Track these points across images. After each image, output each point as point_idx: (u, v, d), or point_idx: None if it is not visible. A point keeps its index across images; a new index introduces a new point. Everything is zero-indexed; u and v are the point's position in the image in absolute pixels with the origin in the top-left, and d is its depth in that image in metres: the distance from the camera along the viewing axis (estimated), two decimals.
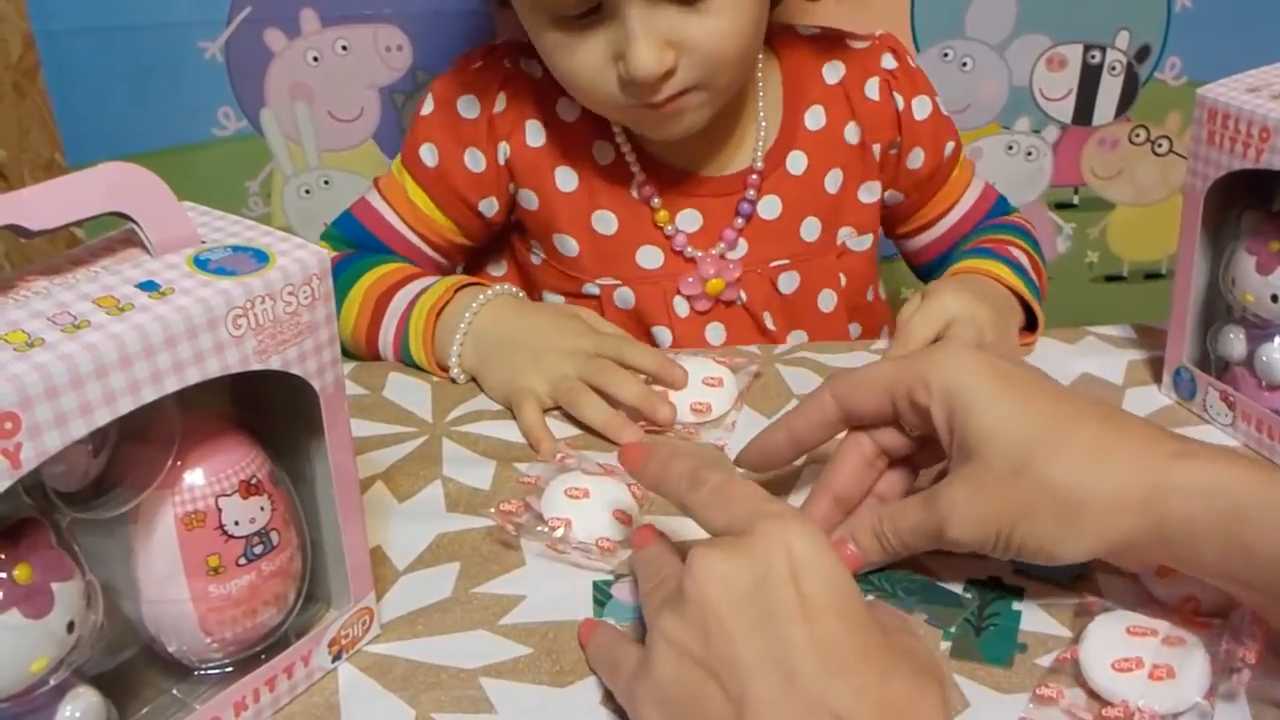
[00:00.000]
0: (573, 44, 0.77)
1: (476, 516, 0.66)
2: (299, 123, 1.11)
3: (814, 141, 0.90)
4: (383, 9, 1.07)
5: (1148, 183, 1.22)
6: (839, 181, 0.90)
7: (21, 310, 0.43)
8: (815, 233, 0.91)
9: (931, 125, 0.92)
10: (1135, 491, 0.51)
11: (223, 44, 1.07)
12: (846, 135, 0.90)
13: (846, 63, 0.90)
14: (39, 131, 1.17)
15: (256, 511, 0.50)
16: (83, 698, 0.47)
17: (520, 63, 0.88)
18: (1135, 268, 1.27)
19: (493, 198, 0.89)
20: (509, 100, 0.87)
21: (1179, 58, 1.15)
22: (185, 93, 1.08)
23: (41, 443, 0.41)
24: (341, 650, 0.56)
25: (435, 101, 0.88)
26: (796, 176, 0.89)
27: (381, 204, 0.90)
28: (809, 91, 0.90)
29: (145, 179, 0.48)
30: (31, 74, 1.14)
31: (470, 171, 0.87)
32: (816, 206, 0.90)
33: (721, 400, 0.74)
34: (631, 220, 0.88)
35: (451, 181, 0.88)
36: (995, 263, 0.85)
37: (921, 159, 0.92)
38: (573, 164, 0.87)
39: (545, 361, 0.76)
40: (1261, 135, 0.65)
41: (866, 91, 0.90)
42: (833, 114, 0.90)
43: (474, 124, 0.87)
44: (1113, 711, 0.51)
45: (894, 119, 0.91)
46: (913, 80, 0.92)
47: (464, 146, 0.87)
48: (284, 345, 0.48)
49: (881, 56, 0.91)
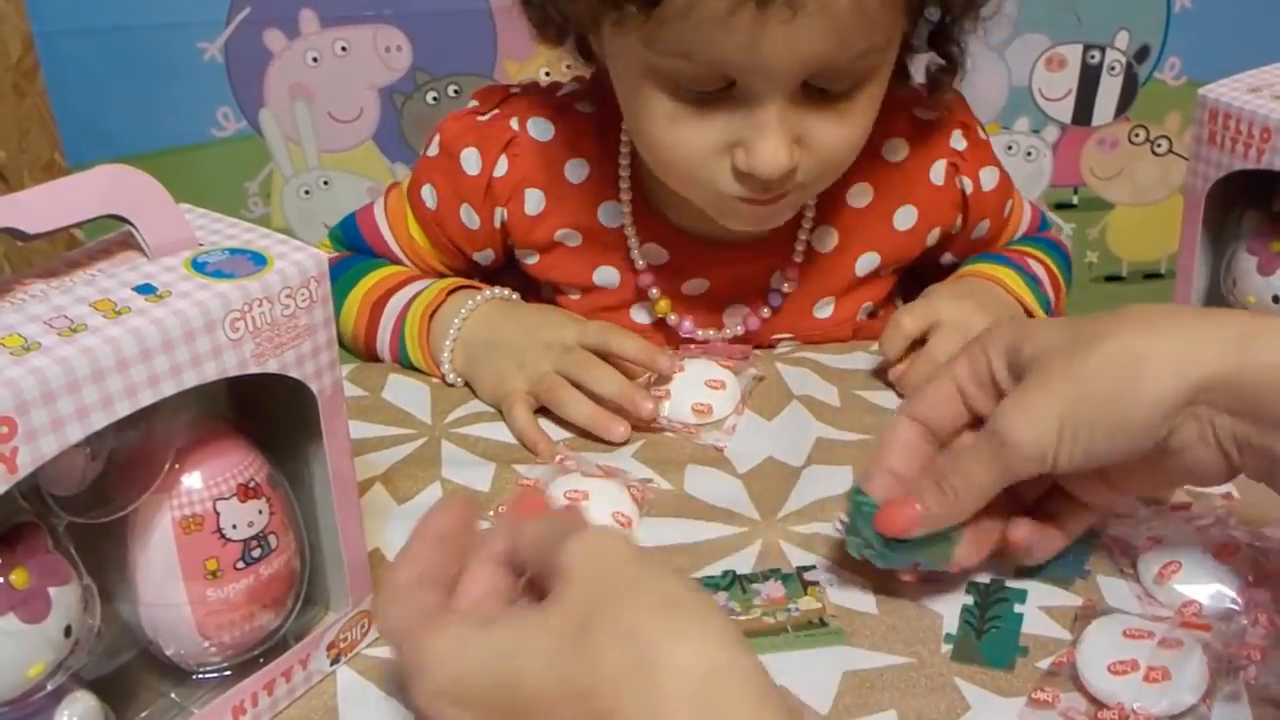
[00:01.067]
0: (687, 120, 0.70)
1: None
2: (298, 123, 1.11)
3: (851, 221, 0.84)
4: (382, 10, 1.07)
5: (1147, 183, 1.22)
6: (872, 265, 0.85)
7: (18, 314, 0.43)
8: (828, 311, 0.87)
9: (997, 194, 0.86)
10: (1214, 335, 0.48)
11: (222, 45, 1.07)
12: (896, 220, 0.84)
13: (911, 142, 0.83)
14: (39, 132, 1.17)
15: (254, 515, 0.50)
16: (80, 702, 0.47)
17: (529, 125, 0.82)
18: (1134, 268, 1.27)
19: (489, 250, 0.86)
20: (510, 165, 0.82)
21: (1178, 58, 1.15)
22: (185, 93, 1.08)
23: (38, 447, 0.41)
24: (340, 653, 0.56)
25: (440, 146, 0.84)
26: (823, 255, 0.84)
27: (383, 223, 0.87)
28: (859, 166, 0.79)
29: (142, 182, 0.47)
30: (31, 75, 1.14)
31: (465, 226, 0.85)
32: (839, 288, 0.86)
33: (723, 403, 0.74)
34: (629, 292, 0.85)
35: (447, 229, 0.85)
36: (1006, 269, 0.84)
37: (987, 228, 0.88)
38: (576, 227, 0.83)
39: (527, 359, 0.75)
40: (1263, 136, 0.65)
41: (931, 176, 0.84)
42: (883, 195, 0.83)
43: (473, 181, 0.83)
44: (1108, 714, 0.51)
45: (959, 202, 0.85)
46: (981, 154, 0.85)
47: (460, 200, 0.84)
48: (282, 348, 0.48)
49: (950, 136, 0.84)
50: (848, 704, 0.53)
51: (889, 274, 0.88)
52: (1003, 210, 0.88)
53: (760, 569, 0.61)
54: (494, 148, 0.82)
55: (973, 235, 0.88)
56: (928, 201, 0.84)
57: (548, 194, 0.83)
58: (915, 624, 0.58)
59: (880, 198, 0.84)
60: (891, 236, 0.85)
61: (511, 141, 0.82)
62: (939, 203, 0.85)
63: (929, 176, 0.84)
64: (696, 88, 0.69)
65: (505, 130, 0.82)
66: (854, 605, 0.59)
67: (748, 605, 0.58)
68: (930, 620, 0.58)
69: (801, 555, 0.62)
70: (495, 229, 0.84)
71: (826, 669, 0.55)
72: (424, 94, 1.10)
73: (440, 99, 1.15)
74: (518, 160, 0.82)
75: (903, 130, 0.83)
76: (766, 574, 0.60)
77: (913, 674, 0.55)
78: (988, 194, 0.85)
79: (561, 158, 0.82)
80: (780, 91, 0.67)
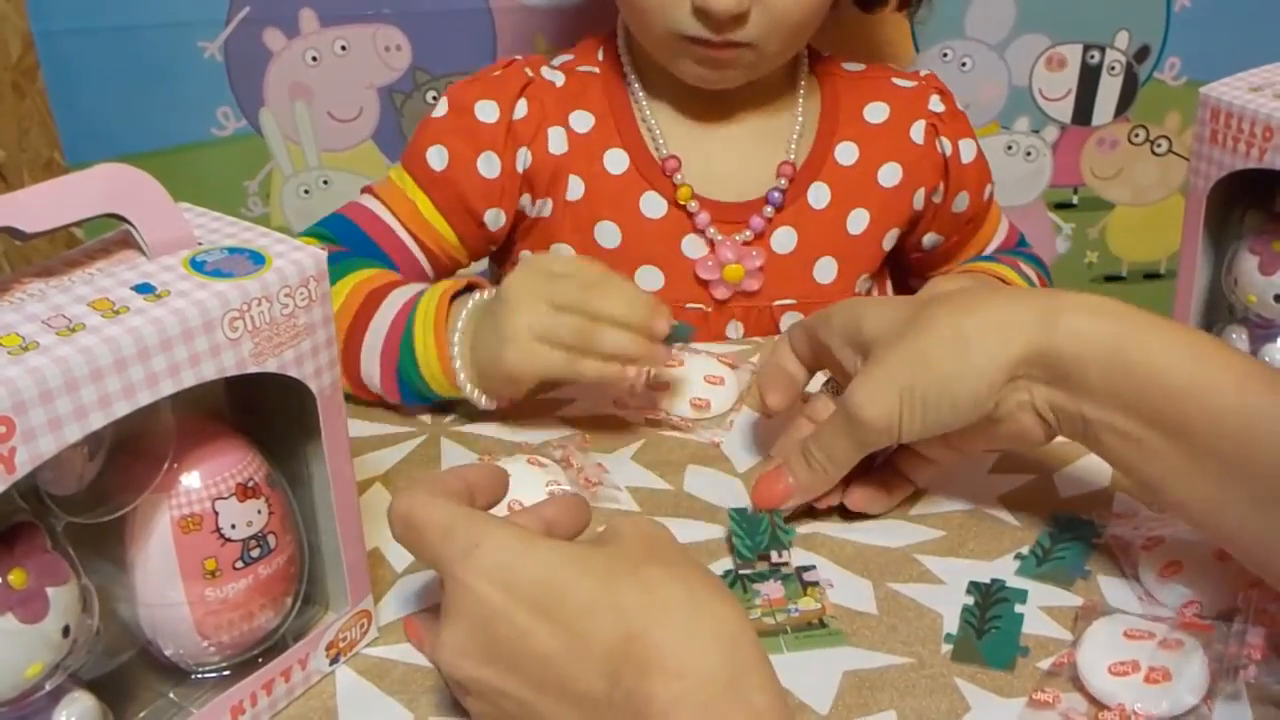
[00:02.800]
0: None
1: None
2: (298, 123, 1.11)
3: (840, 177, 0.89)
4: (382, 9, 1.07)
5: (1147, 183, 1.22)
6: (863, 224, 0.89)
7: (16, 313, 0.43)
8: (831, 275, 0.89)
9: (976, 168, 0.91)
10: (1025, 314, 0.54)
11: (222, 44, 1.07)
12: (881, 177, 0.89)
13: (891, 104, 0.90)
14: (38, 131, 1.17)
15: (253, 514, 0.50)
16: (78, 702, 0.47)
17: (542, 71, 0.88)
18: (1135, 268, 1.27)
19: (499, 209, 0.87)
20: (530, 107, 0.86)
21: (1178, 58, 1.15)
22: (184, 93, 1.08)
23: (36, 447, 0.41)
24: (339, 653, 0.55)
25: (450, 104, 0.87)
26: (817, 210, 0.89)
27: (377, 205, 0.87)
28: (844, 127, 0.89)
29: (141, 180, 0.47)
30: (31, 74, 1.14)
31: (481, 177, 0.85)
32: (835, 247, 0.89)
33: (721, 399, 0.74)
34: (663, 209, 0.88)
35: (459, 187, 0.86)
36: (1004, 268, 0.86)
37: (966, 202, 0.92)
38: (597, 166, 0.87)
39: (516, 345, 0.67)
40: (1264, 135, 0.65)
41: (911, 135, 0.89)
42: (868, 153, 0.89)
43: (492, 128, 0.85)
44: (1109, 715, 0.51)
45: (940, 164, 0.90)
46: (959, 123, 0.91)
47: (479, 150, 0.85)
48: (281, 348, 0.48)
49: (929, 99, 0.90)
50: (848, 704, 0.53)
51: (880, 242, 0.90)
52: (982, 192, 0.92)
53: (760, 569, 0.61)
54: (510, 93, 0.86)
55: (953, 208, 0.91)
56: (911, 160, 0.89)
57: (568, 134, 0.87)
58: (915, 624, 0.58)
59: (865, 155, 0.89)
60: (879, 193, 0.89)
61: (528, 85, 0.87)
62: (922, 161, 0.89)
63: (910, 135, 0.89)
64: None
65: (520, 76, 0.87)
66: (854, 605, 0.59)
67: (748, 605, 0.58)
68: (930, 620, 0.58)
69: (802, 555, 0.62)
70: (517, 175, 0.87)
71: (826, 669, 0.55)
72: (424, 93, 1.10)
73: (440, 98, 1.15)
74: (538, 101, 0.86)
75: (883, 95, 0.90)
76: (766, 574, 0.60)
77: (913, 674, 0.54)
78: (967, 166, 0.90)
79: (574, 103, 0.88)
80: None
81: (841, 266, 0.89)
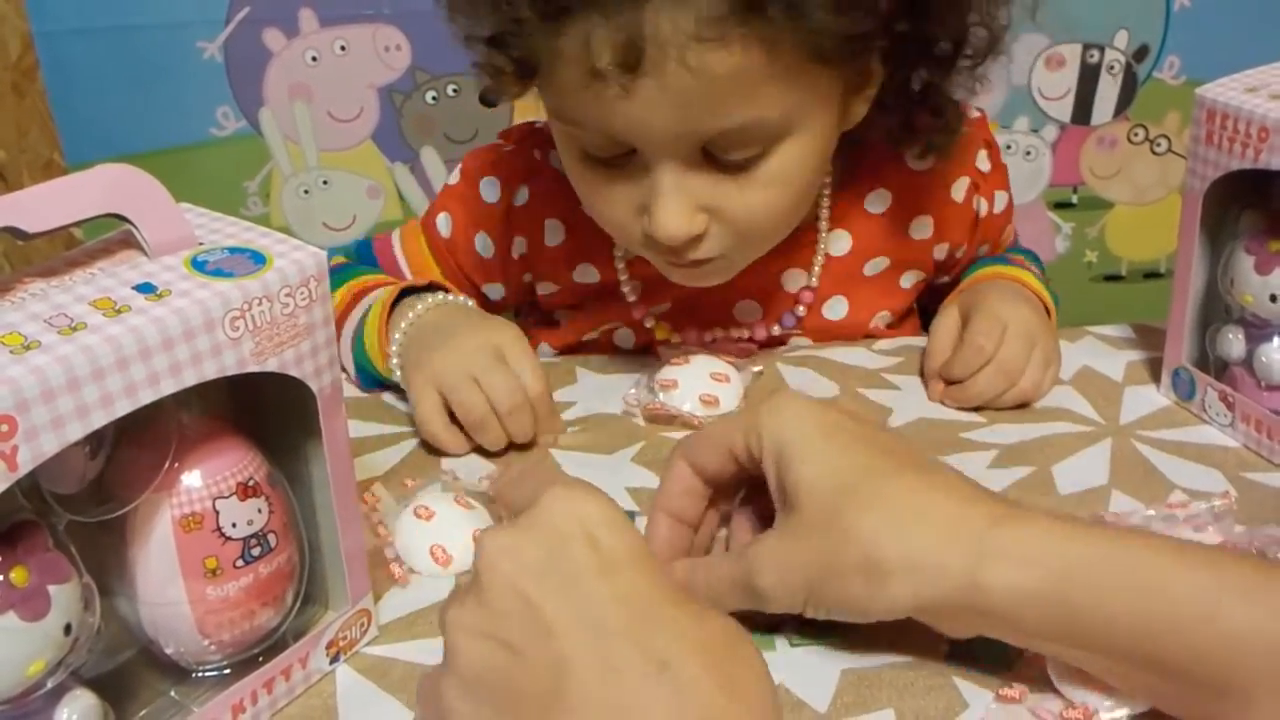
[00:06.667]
0: (601, 183, 0.71)
1: None
2: (298, 122, 1.11)
3: (865, 225, 0.83)
4: (381, 9, 1.07)
5: (1146, 182, 1.22)
6: (880, 268, 0.85)
7: (18, 312, 0.43)
8: (841, 312, 0.86)
9: (1003, 217, 0.87)
10: (948, 559, 0.49)
11: (221, 44, 1.07)
12: (912, 229, 0.84)
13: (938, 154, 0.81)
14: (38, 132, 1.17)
15: (254, 513, 0.50)
16: (80, 700, 0.47)
17: (550, 156, 0.82)
18: (1134, 267, 1.27)
19: (499, 284, 0.86)
20: (531, 194, 0.83)
21: (1178, 57, 1.15)
22: (184, 93, 1.08)
23: (38, 445, 0.41)
24: (339, 652, 0.56)
25: (462, 174, 0.85)
26: (834, 258, 0.84)
27: (400, 253, 0.87)
28: (878, 173, 0.82)
29: (142, 180, 0.47)
30: (30, 74, 1.14)
31: (478, 255, 0.85)
32: (845, 286, 0.85)
33: (729, 395, 0.75)
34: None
35: (459, 258, 0.85)
36: (1019, 270, 0.84)
37: (986, 250, 0.89)
38: (593, 261, 0.84)
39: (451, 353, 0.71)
40: (1260, 135, 0.65)
41: (953, 192, 0.84)
42: (901, 201, 0.83)
43: (491, 209, 0.84)
44: (1073, 713, 0.50)
45: (972, 222, 0.85)
46: (999, 176, 0.86)
47: (477, 228, 0.84)
48: (281, 347, 0.48)
49: (976, 155, 0.84)
50: (846, 703, 0.53)
51: (902, 283, 0.87)
52: (1001, 233, 0.90)
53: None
54: (516, 177, 0.83)
55: (973, 255, 0.89)
56: (945, 216, 0.84)
57: (565, 225, 0.83)
58: (914, 623, 0.57)
59: (898, 205, 0.83)
60: (903, 242, 0.84)
61: (534, 170, 0.83)
62: (955, 220, 0.85)
63: (950, 192, 0.84)
64: (600, 153, 0.69)
65: (528, 159, 0.83)
66: None
67: None
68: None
69: None
70: (513, 260, 0.85)
71: (825, 668, 0.55)
72: (423, 93, 1.11)
73: (439, 98, 1.16)
74: (540, 189, 0.83)
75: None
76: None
77: (911, 673, 0.54)
78: (997, 216, 0.87)
79: (575, 200, 0.79)
80: (670, 158, 0.66)
81: (855, 305, 0.86)
